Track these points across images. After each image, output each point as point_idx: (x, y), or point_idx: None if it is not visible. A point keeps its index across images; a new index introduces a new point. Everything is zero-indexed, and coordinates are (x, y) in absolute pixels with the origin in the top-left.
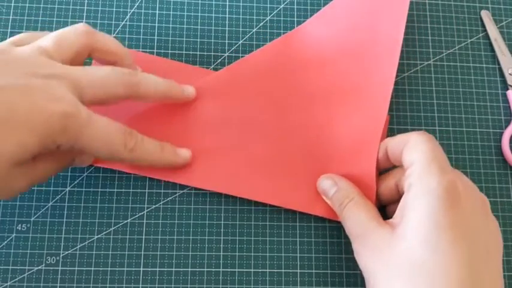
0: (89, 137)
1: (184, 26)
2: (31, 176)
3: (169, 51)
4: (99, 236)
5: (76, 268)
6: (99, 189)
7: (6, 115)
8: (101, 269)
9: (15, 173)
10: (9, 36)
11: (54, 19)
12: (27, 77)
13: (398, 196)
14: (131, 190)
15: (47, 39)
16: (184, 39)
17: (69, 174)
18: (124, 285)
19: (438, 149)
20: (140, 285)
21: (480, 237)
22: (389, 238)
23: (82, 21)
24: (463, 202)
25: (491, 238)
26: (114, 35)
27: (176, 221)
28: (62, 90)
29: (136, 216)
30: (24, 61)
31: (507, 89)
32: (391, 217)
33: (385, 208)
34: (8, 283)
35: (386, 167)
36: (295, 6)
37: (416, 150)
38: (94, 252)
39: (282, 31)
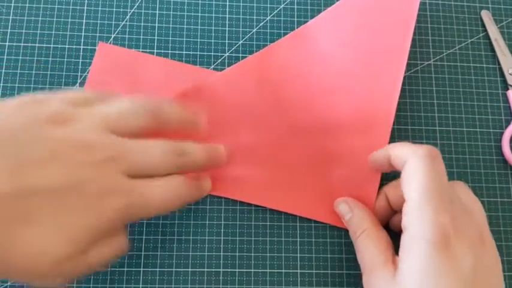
0: (143, 213)
1: (184, 26)
2: (82, 266)
3: (169, 51)
4: None
5: None
6: None
7: (58, 216)
8: None
9: (64, 267)
10: (9, 37)
11: (54, 19)
12: (79, 169)
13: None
14: None
15: (113, 111)
16: (184, 39)
17: None
18: (124, 286)
19: (436, 180)
20: (140, 285)
21: (477, 277)
22: (390, 280)
23: (82, 21)
24: (455, 245)
25: (489, 272)
26: (114, 35)
27: (176, 221)
28: (114, 179)
29: None
30: (79, 138)
31: (507, 89)
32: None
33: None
34: (8, 283)
35: (389, 171)
36: (295, 6)
37: (411, 185)
38: None
39: (282, 31)
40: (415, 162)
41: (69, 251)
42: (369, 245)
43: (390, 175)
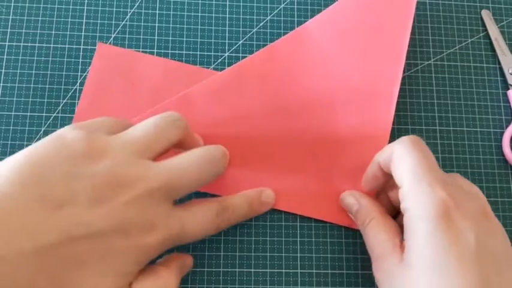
0: (183, 241)
1: (184, 26)
2: None
3: (170, 51)
4: None
5: None
6: None
7: (105, 256)
8: None
9: None
10: (9, 37)
11: (54, 19)
12: (121, 210)
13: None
14: None
15: (143, 132)
16: (185, 39)
17: None
18: None
19: (424, 159)
20: None
21: (485, 249)
22: (399, 264)
23: (82, 21)
24: (459, 218)
25: (497, 244)
26: (114, 35)
27: None
28: (155, 212)
29: None
30: (115, 174)
31: (507, 89)
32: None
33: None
34: None
35: (386, 180)
36: (295, 6)
37: (402, 170)
38: None
39: (282, 31)
40: (399, 150)
41: (118, 286)
42: (377, 232)
43: None
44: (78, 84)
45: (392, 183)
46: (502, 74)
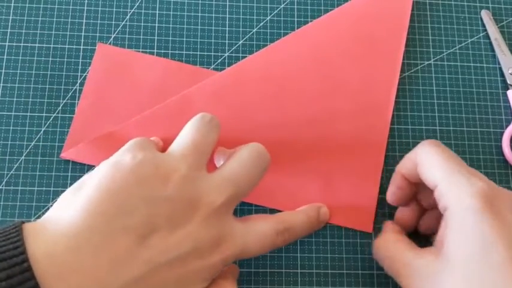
0: (243, 257)
1: (185, 26)
2: None
3: (170, 51)
4: None
5: None
6: None
7: (179, 278)
8: None
9: None
10: (9, 37)
11: (54, 19)
12: (196, 231)
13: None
14: None
15: (193, 142)
16: (185, 39)
17: (69, 174)
18: None
19: (450, 155)
20: None
21: None
22: (437, 262)
23: (82, 21)
24: (503, 209)
25: None
26: (114, 35)
27: None
28: (221, 228)
29: None
30: (187, 194)
31: (507, 89)
32: None
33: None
34: None
35: (412, 190)
36: (296, 6)
37: (432, 170)
38: None
39: (282, 31)
40: (423, 153)
41: None
42: (394, 248)
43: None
44: (78, 84)
45: (421, 189)
46: (502, 74)
